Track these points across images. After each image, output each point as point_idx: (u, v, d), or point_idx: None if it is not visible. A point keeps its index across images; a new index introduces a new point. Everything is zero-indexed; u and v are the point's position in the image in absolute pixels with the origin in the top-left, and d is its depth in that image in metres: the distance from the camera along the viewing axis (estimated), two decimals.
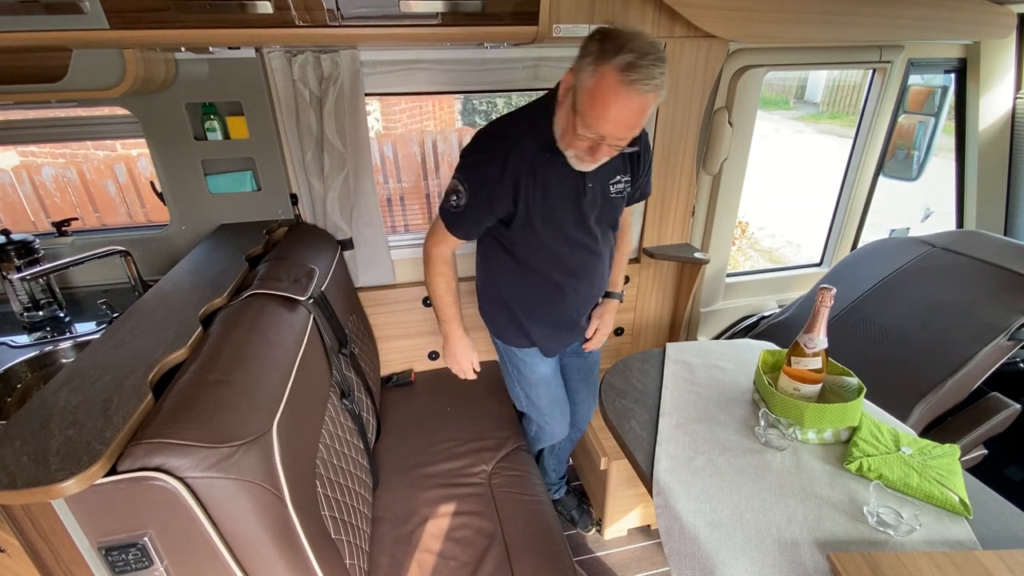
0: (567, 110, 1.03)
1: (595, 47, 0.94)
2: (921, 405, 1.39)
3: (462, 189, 1.15)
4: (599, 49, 0.93)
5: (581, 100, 0.98)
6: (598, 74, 0.93)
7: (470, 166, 1.16)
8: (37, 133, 1.62)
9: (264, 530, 0.80)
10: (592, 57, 0.94)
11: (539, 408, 1.53)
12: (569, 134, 1.05)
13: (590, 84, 0.95)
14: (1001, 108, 1.99)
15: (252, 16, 1.06)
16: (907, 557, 0.79)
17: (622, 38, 0.92)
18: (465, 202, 1.16)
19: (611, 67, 0.91)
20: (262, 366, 0.95)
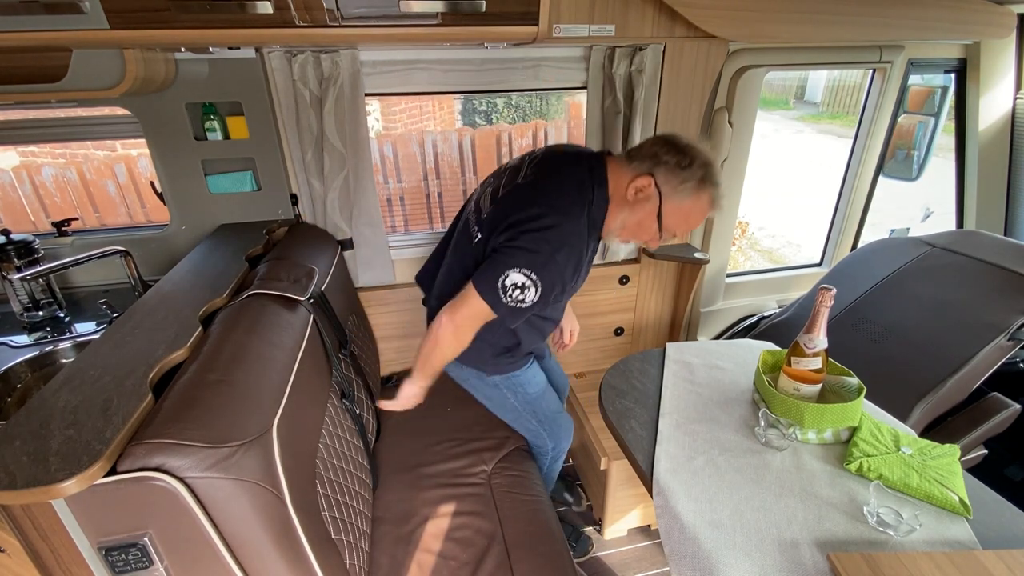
0: (647, 215, 1.11)
1: (690, 169, 1.07)
2: (921, 405, 1.39)
3: (533, 288, 1.07)
4: (702, 176, 1.07)
5: (674, 213, 1.10)
6: (699, 198, 1.09)
7: (548, 267, 1.07)
8: (37, 133, 1.62)
9: (264, 530, 0.80)
10: (689, 178, 1.07)
11: (550, 417, 1.51)
12: (643, 233, 1.15)
13: (688, 203, 1.10)
14: (1001, 108, 1.99)
15: (252, 16, 1.06)
16: (907, 557, 0.79)
17: (714, 166, 1.09)
18: (534, 299, 1.08)
19: (709, 195, 1.10)
20: (262, 366, 0.95)
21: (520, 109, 4.76)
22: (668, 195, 1.09)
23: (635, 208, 1.12)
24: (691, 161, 1.07)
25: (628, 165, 1.13)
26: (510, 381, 1.42)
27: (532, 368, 1.44)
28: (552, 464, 1.63)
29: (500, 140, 2.86)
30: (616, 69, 1.60)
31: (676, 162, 1.07)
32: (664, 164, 1.08)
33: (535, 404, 1.47)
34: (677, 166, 1.07)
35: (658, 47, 1.61)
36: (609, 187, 1.14)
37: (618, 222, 1.15)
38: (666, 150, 1.09)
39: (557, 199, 1.10)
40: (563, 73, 1.68)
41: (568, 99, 3.65)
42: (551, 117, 4.58)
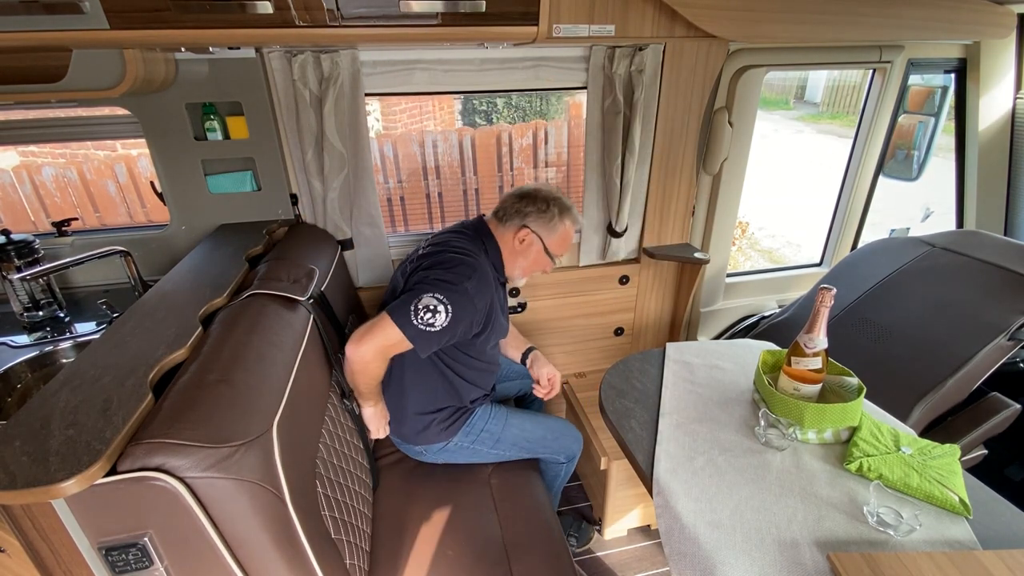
0: (537, 253, 1.40)
1: (550, 211, 1.37)
2: (921, 405, 1.39)
3: (443, 310, 1.17)
4: (555, 213, 1.37)
5: (555, 243, 1.40)
6: (565, 224, 1.39)
7: (457, 291, 1.19)
8: (37, 133, 1.62)
9: (264, 530, 0.80)
10: (553, 216, 1.37)
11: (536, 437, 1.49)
12: (538, 266, 1.43)
13: (560, 232, 1.39)
14: (1001, 108, 1.99)
15: (252, 16, 1.06)
16: (907, 557, 0.79)
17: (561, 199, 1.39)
18: (444, 324, 1.17)
19: (570, 218, 1.40)
20: (262, 366, 0.95)
21: (520, 109, 4.76)
22: (545, 234, 1.38)
23: (526, 253, 1.39)
24: (547, 204, 1.36)
25: (502, 224, 1.39)
26: (470, 432, 1.42)
27: (481, 408, 1.45)
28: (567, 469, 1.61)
29: (500, 140, 2.86)
30: (616, 69, 1.60)
31: (537, 209, 1.36)
32: (530, 214, 1.36)
33: (512, 437, 1.45)
34: (539, 212, 1.36)
35: (658, 47, 1.61)
36: (497, 240, 1.39)
37: (517, 269, 1.42)
38: (525, 203, 1.37)
39: (458, 247, 1.31)
40: (563, 73, 1.68)
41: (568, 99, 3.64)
42: (551, 117, 4.57)
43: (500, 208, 1.40)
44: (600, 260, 2.00)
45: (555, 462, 1.56)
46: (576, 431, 1.58)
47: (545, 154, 2.91)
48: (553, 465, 1.57)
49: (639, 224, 1.94)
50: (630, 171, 1.75)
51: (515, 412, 1.51)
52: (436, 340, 1.20)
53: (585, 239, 1.94)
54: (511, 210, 1.37)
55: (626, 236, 1.92)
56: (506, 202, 1.40)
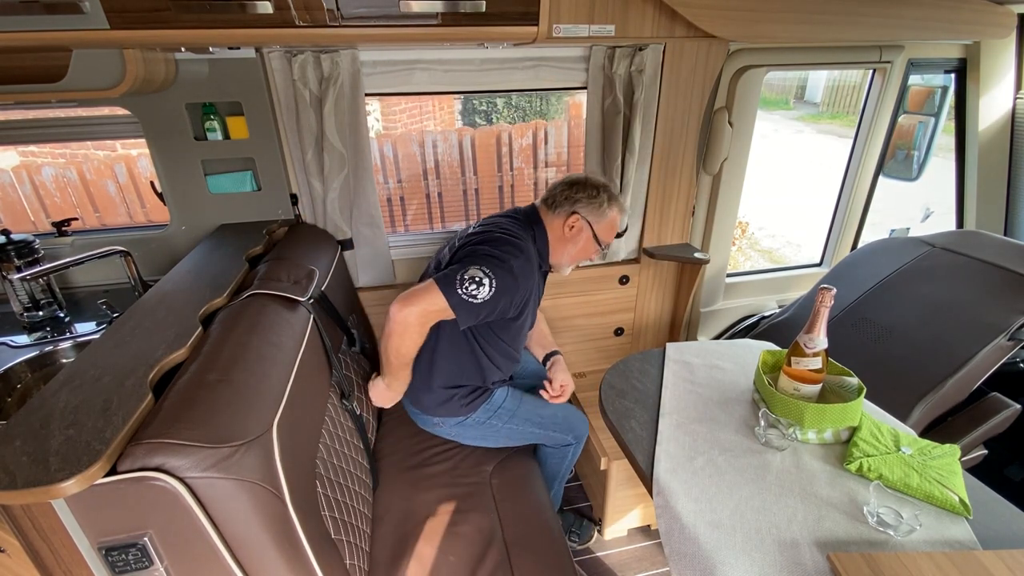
0: (586, 239, 1.40)
1: (600, 196, 1.37)
2: (921, 405, 1.38)
3: (487, 284, 1.19)
4: (605, 199, 1.37)
5: (604, 230, 1.40)
6: (613, 211, 1.40)
7: (503, 267, 1.21)
8: (37, 133, 1.62)
9: (264, 530, 0.80)
10: (603, 202, 1.37)
11: (547, 416, 1.51)
12: (587, 253, 1.43)
13: (609, 218, 1.39)
14: (1001, 108, 1.98)
15: (252, 16, 1.06)
16: (907, 557, 0.79)
17: (610, 186, 1.40)
18: (486, 297, 1.19)
19: (618, 206, 1.41)
20: (262, 366, 0.95)
21: (520, 109, 4.76)
22: (595, 221, 1.38)
23: (575, 239, 1.39)
24: (597, 190, 1.37)
25: (552, 212, 1.39)
26: (488, 409, 1.45)
27: (500, 389, 1.48)
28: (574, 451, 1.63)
29: (500, 140, 2.86)
30: (616, 69, 1.61)
31: (587, 195, 1.36)
32: (580, 201, 1.36)
33: (526, 412, 1.48)
34: (589, 198, 1.36)
35: (658, 47, 1.61)
36: (546, 227, 1.40)
37: (566, 256, 1.42)
38: (576, 190, 1.37)
39: (508, 229, 1.33)
40: (563, 73, 1.68)
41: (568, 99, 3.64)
42: (551, 117, 4.57)
43: (549, 196, 1.41)
44: (600, 260, 2.00)
45: (563, 444, 1.57)
46: (582, 415, 1.61)
47: (545, 154, 2.91)
48: (560, 449, 1.59)
49: (639, 224, 1.94)
50: (630, 171, 1.75)
51: (528, 394, 1.55)
52: (477, 312, 1.21)
53: None
54: (560, 197, 1.38)
55: (626, 236, 1.92)
56: (555, 189, 1.40)
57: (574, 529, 1.82)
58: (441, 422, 1.45)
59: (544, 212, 1.41)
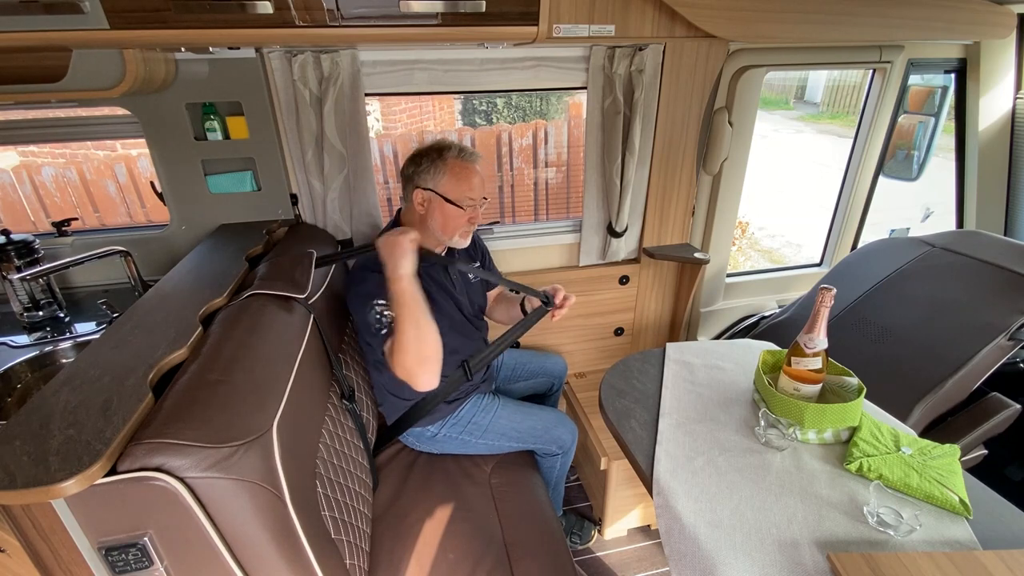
0: (439, 208, 1.31)
1: (428, 159, 1.29)
2: (921, 405, 1.38)
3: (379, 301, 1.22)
4: (434, 157, 1.29)
5: (448, 188, 1.29)
6: (447, 167, 1.29)
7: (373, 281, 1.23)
8: (37, 133, 1.61)
9: (264, 530, 0.80)
10: (433, 162, 1.29)
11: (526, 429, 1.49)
12: (453, 220, 1.32)
13: (446, 176, 1.29)
14: (1001, 108, 1.98)
15: (252, 16, 1.06)
16: (907, 557, 0.79)
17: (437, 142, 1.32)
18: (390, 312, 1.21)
19: (452, 156, 1.30)
20: (262, 366, 0.95)
21: (520, 109, 4.76)
22: (436, 184, 1.29)
23: (431, 214, 1.32)
24: (424, 155, 1.31)
25: (406, 201, 1.37)
26: (457, 424, 1.43)
27: (472, 400, 1.46)
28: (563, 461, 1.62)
29: (500, 140, 2.86)
30: (616, 69, 1.61)
31: (418, 167, 1.31)
32: (415, 175, 1.31)
33: (501, 427, 1.46)
34: (421, 168, 1.30)
35: (658, 47, 1.61)
36: (403, 221, 1.38)
37: (435, 233, 1.35)
38: (407, 166, 1.33)
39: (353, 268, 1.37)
40: (563, 73, 1.68)
41: (568, 99, 3.64)
42: (551, 117, 4.57)
43: (402, 190, 1.39)
44: (600, 260, 2.00)
45: (549, 454, 1.56)
46: (569, 422, 1.58)
47: (545, 154, 2.91)
48: (548, 457, 1.57)
49: (639, 224, 1.94)
50: (630, 171, 1.75)
51: (507, 403, 1.51)
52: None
53: (585, 239, 1.94)
54: (403, 185, 1.36)
55: (626, 236, 1.92)
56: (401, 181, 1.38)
57: (575, 530, 1.82)
58: (413, 438, 1.45)
59: (404, 208, 1.40)
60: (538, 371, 1.75)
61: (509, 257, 1.94)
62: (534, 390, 1.79)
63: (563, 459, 1.60)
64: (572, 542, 1.82)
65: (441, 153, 1.29)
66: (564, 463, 1.61)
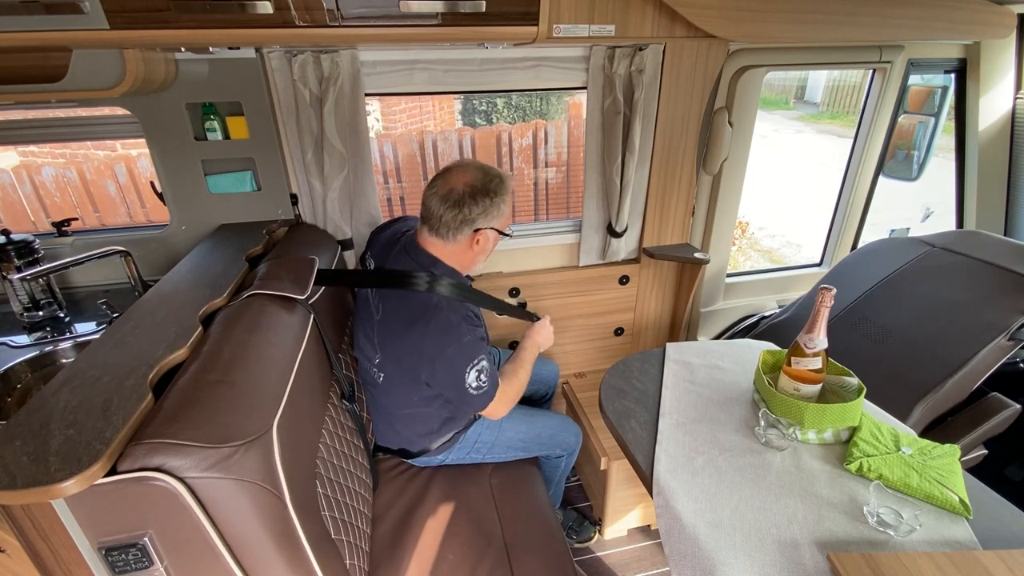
0: (492, 240, 1.29)
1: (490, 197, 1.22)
2: (921, 405, 1.38)
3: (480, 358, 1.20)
4: (496, 193, 1.23)
5: (505, 221, 1.28)
6: (507, 200, 1.26)
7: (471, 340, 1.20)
8: (37, 133, 1.61)
9: (264, 530, 0.80)
10: (495, 198, 1.23)
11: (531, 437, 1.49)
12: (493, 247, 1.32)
13: (507, 212, 1.28)
14: (1001, 108, 1.98)
15: (252, 16, 1.06)
16: (907, 557, 0.79)
17: (492, 179, 1.23)
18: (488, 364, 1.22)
19: (509, 191, 1.27)
20: (262, 366, 0.95)
21: (520, 109, 4.76)
22: (497, 223, 1.26)
23: (485, 248, 1.29)
24: (487, 194, 1.21)
25: (449, 240, 1.24)
26: (463, 447, 1.41)
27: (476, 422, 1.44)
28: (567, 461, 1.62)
29: (500, 140, 2.86)
30: (616, 69, 1.60)
31: (482, 208, 1.21)
32: (477, 217, 1.22)
33: (506, 440, 1.46)
34: (485, 208, 1.22)
35: (658, 47, 1.61)
36: (445, 260, 1.27)
37: (479, 265, 1.33)
38: (467, 208, 1.20)
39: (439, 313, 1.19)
40: (563, 73, 1.68)
41: (568, 99, 3.65)
42: (551, 117, 4.58)
43: (438, 225, 1.23)
44: (600, 260, 2.00)
45: (553, 456, 1.56)
46: (574, 425, 1.59)
47: (545, 154, 2.91)
48: (552, 459, 1.58)
49: (639, 224, 1.93)
50: (630, 171, 1.75)
51: (510, 416, 1.47)
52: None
53: (585, 239, 1.94)
54: (454, 224, 1.21)
55: (626, 236, 1.91)
56: (443, 217, 1.21)
57: (572, 526, 1.82)
58: (421, 461, 1.44)
59: (437, 246, 1.26)
60: (534, 378, 1.75)
61: (509, 257, 1.94)
62: (535, 393, 1.80)
63: (567, 459, 1.60)
64: (568, 538, 1.83)
65: (501, 189, 1.23)
66: (568, 463, 1.62)
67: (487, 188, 1.21)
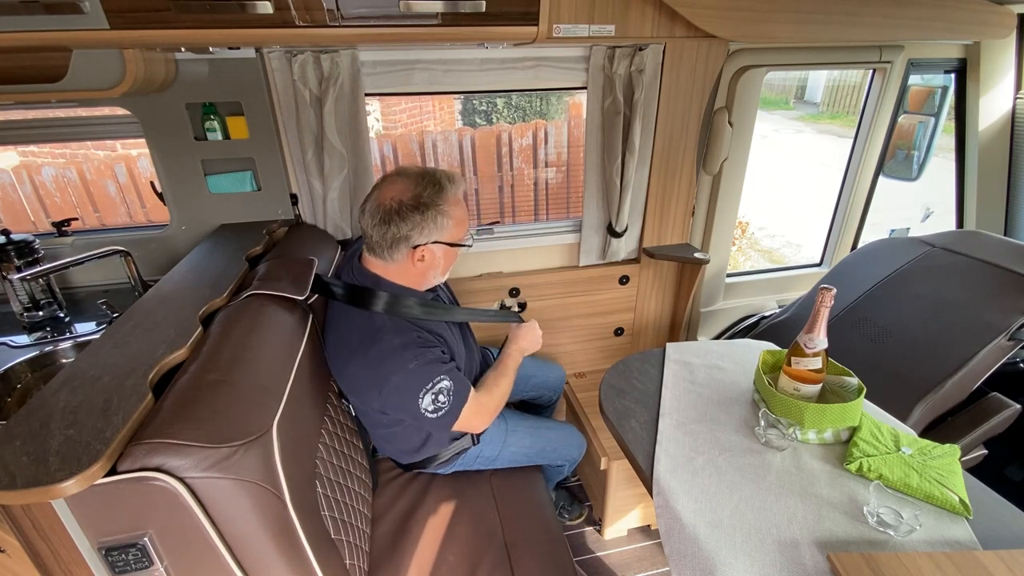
0: (443, 256, 1.18)
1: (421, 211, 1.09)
2: (921, 405, 1.38)
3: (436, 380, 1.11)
4: (429, 204, 1.10)
5: (454, 233, 1.16)
6: (453, 206, 1.13)
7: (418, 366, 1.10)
8: (37, 133, 1.61)
9: (264, 530, 0.80)
10: (427, 211, 1.10)
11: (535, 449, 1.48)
12: (451, 259, 1.21)
13: (454, 217, 1.14)
14: (1001, 108, 1.99)
15: (252, 16, 1.06)
16: (907, 557, 0.79)
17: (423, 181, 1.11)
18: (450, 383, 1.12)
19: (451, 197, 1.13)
20: (262, 366, 0.95)
21: (520, 109, 4.76)
22: (441, 234, 1.14)
23: (434, 264, 1.17)
24: (416, 206, 1.09)
25: (389, 259, 1.14)
26: (465, 461, 1.40)
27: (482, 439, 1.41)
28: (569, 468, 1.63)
29: (500, 140, 2.86)
30: (616, 69, 1.61)
31: (413, 222, 1.10)
32: (411, 234, 1.10)
33: (510, 455, 1.44)
34: (415, 224, 1.10)
35: (658, 47, 1.61)
36: (392, 279, 1.17)
37: (432, 279, 1.22)
38: (395, 227, 1.09)
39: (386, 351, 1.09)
40: (563, 73, 1.68)
41: (568, 99, 3.65)
42: (551, 117, 4.58)
43: (372, 244, 1.15)
44: (600, 260, 2.00)
45: (556, 464, 1.56)
46: (579, 436, 1.58)
47: (545, 154, 2.91)
48: (553, 467, 1.58)
49: (639, 224, 1.94)
50: (630, 171, 1.75)
51: (515, 429, 1.46)
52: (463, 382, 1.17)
53: (585, 239, 1.94)
54: (391, 238, 1.11)
55: (626, 236, 1.92)
56: (373, 236, 1.12)
57: (564, 505, 1.84)
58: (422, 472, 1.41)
59: (374, 263, 1.17)
60: (540, 384, 1.75)
61: (509, 257, 1.94)
62: (533, 400, 1.80)
63: (569, 467, 1.61)
64: (561, 515, 1.84)
65: (437, 197, 1.10)
66: (568, 470, 1.63)
67: (418, 201, 1.09)
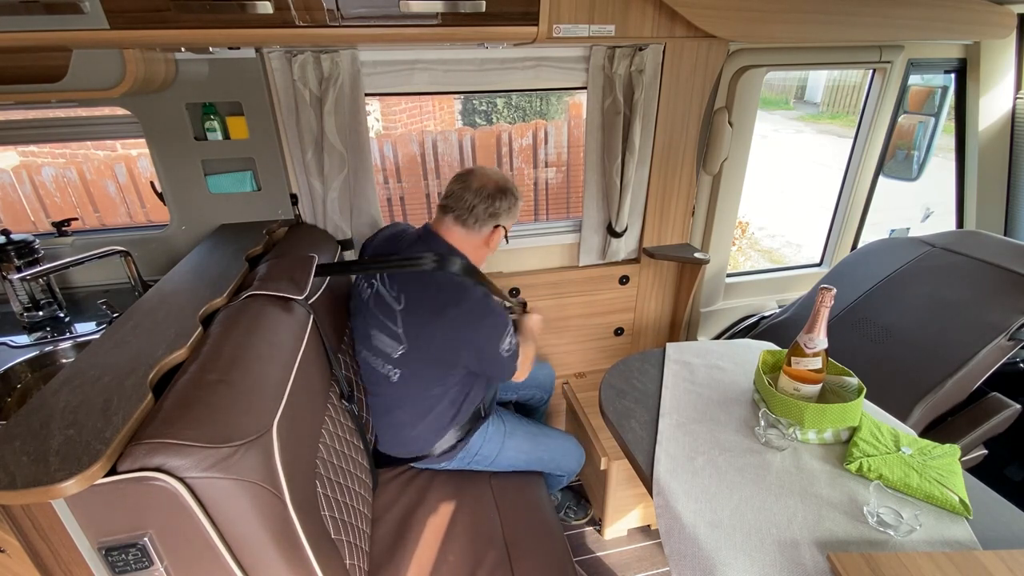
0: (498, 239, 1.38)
1: (508, 200, 1.33)
2: (921, 405, 1.39)
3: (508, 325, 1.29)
4: (514, 197, 1.35)
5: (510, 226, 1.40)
6: (518, 205, 1.37)
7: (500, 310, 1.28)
8: (37, 133, 1.61)
9: (264, 530, 0.80)
10: (511, 200, 1.34)
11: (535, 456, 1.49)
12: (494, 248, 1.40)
13: (516, 217, 1.39)
14: (1001, 108, 1.99)
15: (252, 16, 1.06)
16: (907, 557, 0.79)
17: (509, 182, 1.35)
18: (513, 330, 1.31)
19: (520, 197, 1.38)
20: (262, 366, 0.95)
21: (520, 109, 4.77)
22: (508, 222, 1.36)
23: (491, 245, 1.37)
24: (506, 193, 1.32)
25: (471, 229, 1.31)
26: (465, 456, 1.41)
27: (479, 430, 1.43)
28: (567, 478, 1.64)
29: (500, 140, 2.86)
30: (616, 69, 1.61)
31: (508, 205, 1.33)
32: (501, 214, 1.33)
33: (508, 458, 1.45)
34: (509, 207, 1.33)
35: (658, 47, 1.61)
36: (459, 246, 1.33)
37: (484, 259, 1.39)
38: (497, 202, 1.31)
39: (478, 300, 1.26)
40: (563, 73, 1.68)
41: (568, 99, 3.65)
42: (551, 117, 4.58)
43: (465, 213, 1.30)
44: (600, 260, 2.00)
45: (555, 474, 1.57)
46: (578, 449, 1.59)
47: (545, 154, 2.91)
48: (552, 476, 1.59)
49: (639, 224, 1.94)
50: (630, 171, 1.75)
51: (514, 433, 1.48)
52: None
53: (585, 239, 1.94)
54: (484, 214, 1.30)
55: (626, 236, 1.92)
56: (475, 208, 1.29)
57: (570, 505, 1.83)
58: (422, 464, 1.43)
59: (457, 233, 1.32)
60: (531, 382, 1.75)
61: (509, 257, 1.94)
62: (526, 401, 1.80)
63: (567, 477, 1.62)
64: (567, 516, 1.84)
65: (516, 194, 1.36)
66: (568, 478, 1.64)
67: (509, 190, 1.33)
